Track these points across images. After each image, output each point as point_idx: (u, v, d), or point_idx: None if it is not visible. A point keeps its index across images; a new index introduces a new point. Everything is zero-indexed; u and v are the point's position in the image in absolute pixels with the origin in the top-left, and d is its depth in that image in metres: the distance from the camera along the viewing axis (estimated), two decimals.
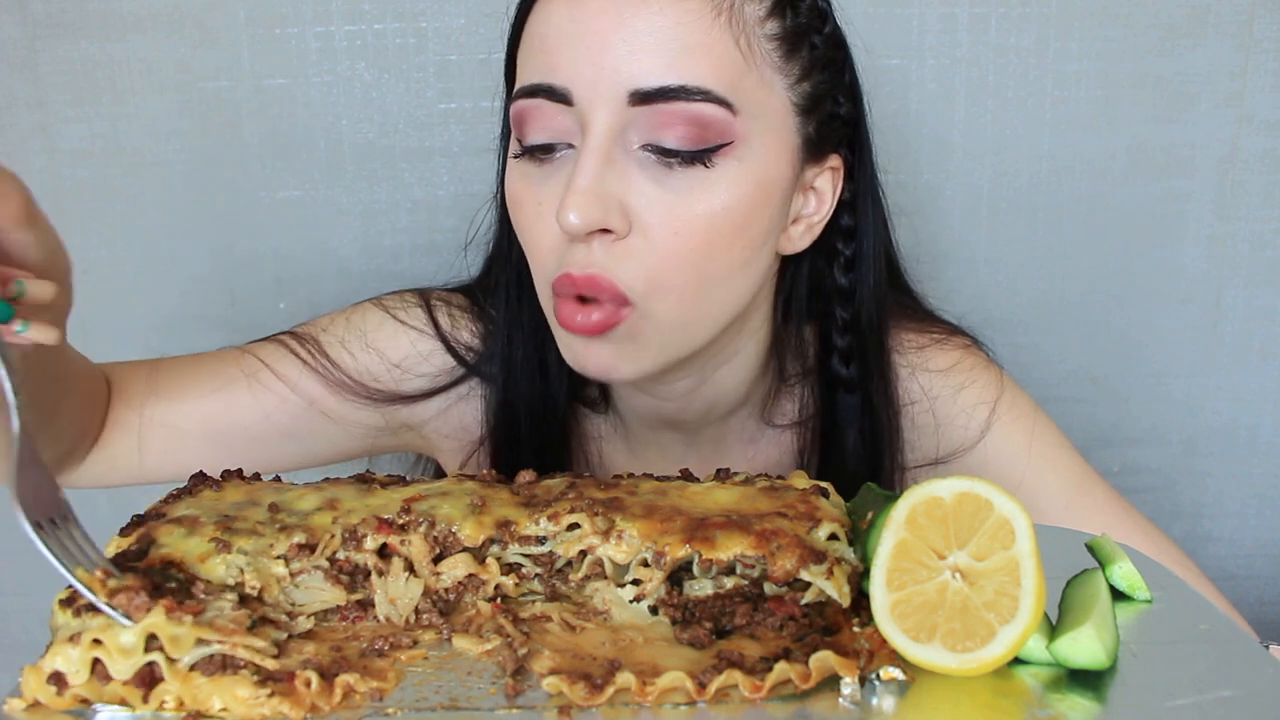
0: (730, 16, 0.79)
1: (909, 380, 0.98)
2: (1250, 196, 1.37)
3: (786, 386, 0.98)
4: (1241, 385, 1.44)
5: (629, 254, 0.79)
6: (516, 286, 0.94)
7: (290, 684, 0.55)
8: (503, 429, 0.98)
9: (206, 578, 0.60)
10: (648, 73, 0.77)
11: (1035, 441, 0.97)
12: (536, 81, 0.80)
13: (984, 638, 0.55)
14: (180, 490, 0.71)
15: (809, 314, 0.96)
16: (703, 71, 0.77)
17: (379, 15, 1.28)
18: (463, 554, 0.65)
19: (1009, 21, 1.30)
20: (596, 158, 0.78)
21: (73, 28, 1.27)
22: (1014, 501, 0.57)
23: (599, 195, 0.77)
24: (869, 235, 0.93)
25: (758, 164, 0.81)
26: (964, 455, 0.97)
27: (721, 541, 0.62)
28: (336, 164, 1.32)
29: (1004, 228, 1.37)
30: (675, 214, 0.79)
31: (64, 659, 0.55)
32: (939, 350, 0.99)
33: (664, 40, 0.77)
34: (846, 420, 0.95)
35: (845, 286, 0.93)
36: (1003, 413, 0.97)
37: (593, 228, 0.77)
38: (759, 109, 0.80)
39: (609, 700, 0.55)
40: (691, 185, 0.79)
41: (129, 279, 1.35)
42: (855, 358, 0.94)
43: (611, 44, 0.77)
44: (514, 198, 0.84)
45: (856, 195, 0.92)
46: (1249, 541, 1.51)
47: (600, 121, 0.78)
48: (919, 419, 0.98)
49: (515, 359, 0.95)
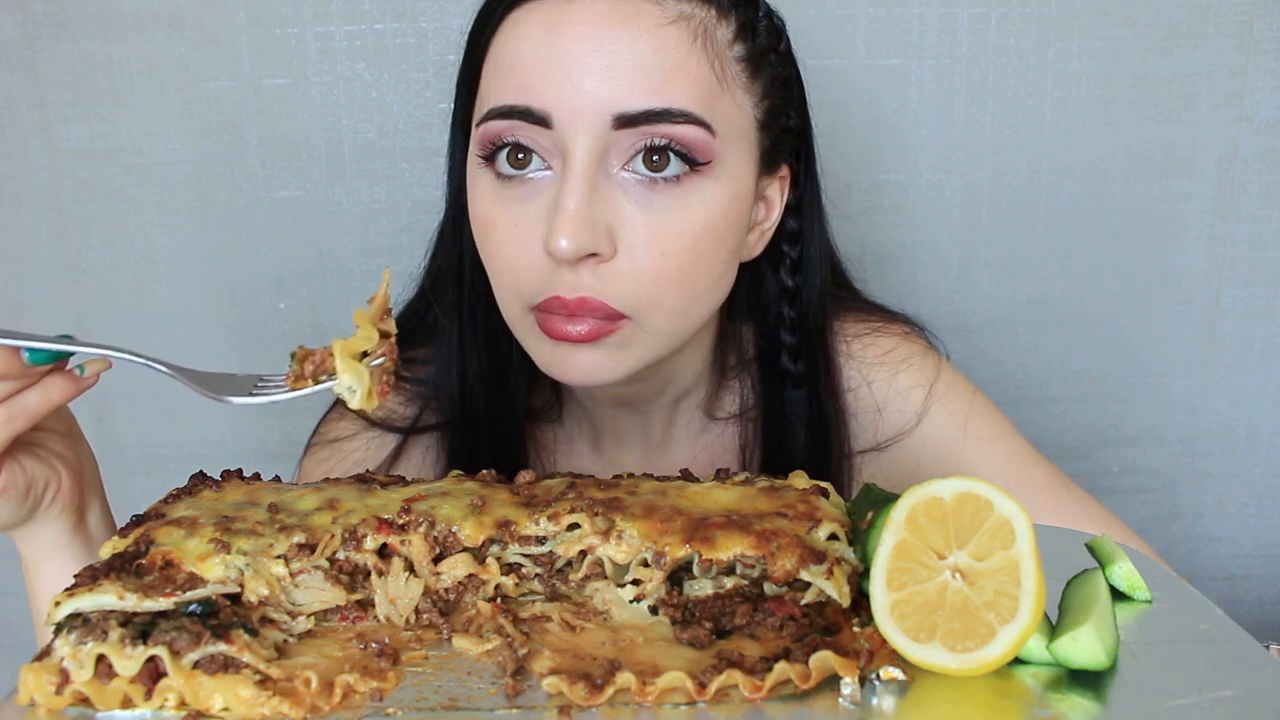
0: (705, 41, 0.80)
1: (847, 367, 1.00)
2: (1250, 196, 1.37)
3: (727, 381, 1.01)
4: (1241, 385, 1.44)
5: (616, 275, 0.80)
6: (470, 305, 0.94)
7: (290, 684, 0.55)
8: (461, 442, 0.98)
9: (206, 577, 0.60)
10: (631, 96, 0.77)
11: (971, 424, 0.99)
12: (512, 103, 0.80)
13: (984, 638, 0.55)
14: (180, 490, 0.71)
15: (747, 312, 0.99)
16: (684, 95, 0.79)
17: (379, 15, 1.28)
18: (463, 554, 0.65)
19: (1009, 21, 1.30)
20: (582, 183, 0.78)
21: (73, 28, 1.27)
22: (1014, 501, 0.57)
23: (587, 221, 0.78)
24: (813, 238, 0.96)
25: (732, 181, 0.83)
26: (904, 439, 0.99)
27: (721, 541, 0.62)
28: (336, 164, 1.33)
29: (1004, 228, 1.37)
30: (660, 235, 0.80)
31: (70, 655, 0.55)
32: (876, 337, 1.02)
33: (646, 65, 0.78)
34: (795, 414, 0.98)
35: (792, 287, 0.96)
36: (939, 395, 0.99)
37: (583, 254, 0.78)
38: (732, 128, 0.82)
39: (609, 700, 0.55)
40: (673, 206, 0.80)
41: (129, 279, 1.35)
42: (803, 354, 0.97)
43: (592, 68, 0.77)
44: (485, 218, 0.84)
45: (802, 200, 0.94)
46: (1249, 541, 1.51)
47: (583, 147, 0.78)
48: (857, 406, 1.00)
49: (470, 377, 0.96)
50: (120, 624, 0.56)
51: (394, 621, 0.63)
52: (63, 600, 0.57)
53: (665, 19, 0.79)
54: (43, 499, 0.75)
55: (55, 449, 0.77)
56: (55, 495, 0.76)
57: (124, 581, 0.58)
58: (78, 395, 0.71)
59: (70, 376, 0.71)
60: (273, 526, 0.64)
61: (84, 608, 0.57)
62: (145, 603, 0.57)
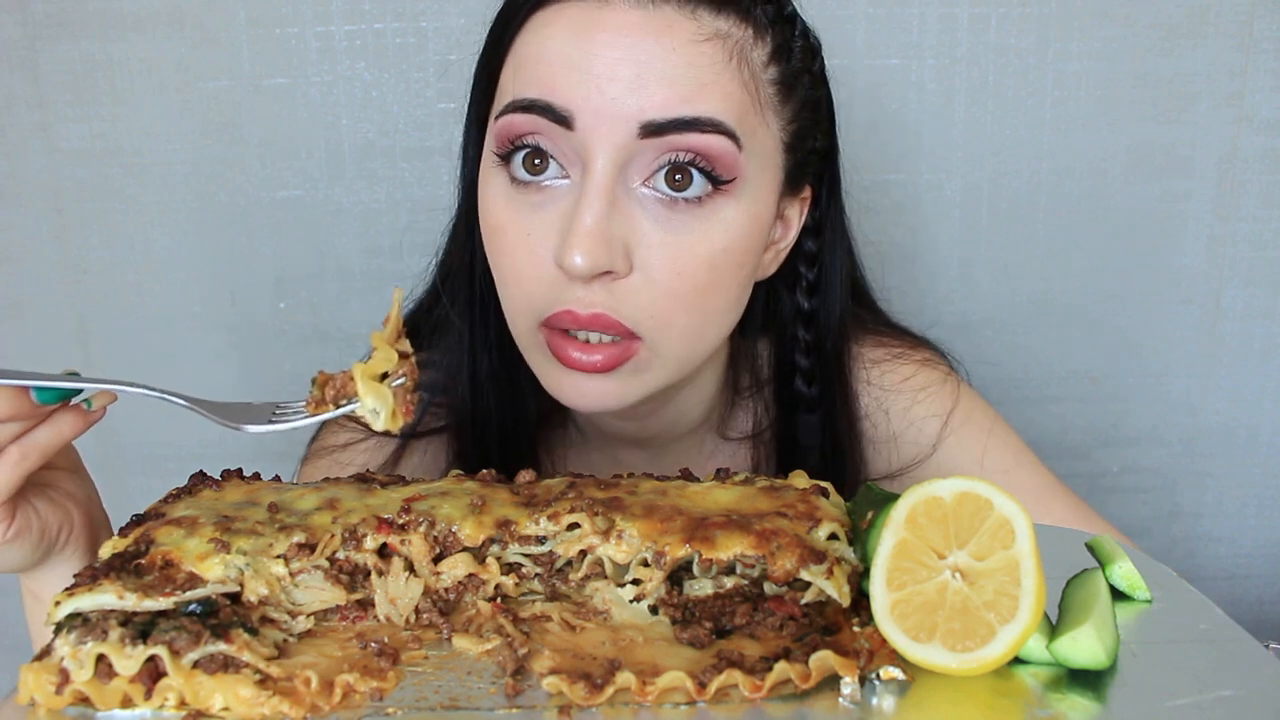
0: (740, 60, 0.78)
1: (864, 395, 0.99)
2: (1250, 196, 1.37)
3: (741, 400, 0.99)
4: (1241, 385, 1.44)
5: (631, 292, 0.78)
6: (481, 304, 0.92)
7: (290, 683, 0.55)
8: (472, 445, 0.97)
9: (206, 577, 0.60)
10: (660, 105, 0.75)
11: (989, 454, 0.97)
12: (534, 97, 0.77)
13: (984, 638, 0.55)
14: (180, 490, 0.71)
15: (762, 329, 0.97)
16: (715, 107, 0.76)
17: (379, 15, 1.28)
18: (463, 554, 0.65)
19: (1009, 21, 1.30)
20: (601, 197, 0.76)
21: (73, 28, 1.27)
22: (1014, 501, 0.57)
23: (605, 237, 0.76)
24: (833, 261, 0.94)
25: (754, 203, 0.81)
26: (917, 468, 0.98)
27: (721, 541, 0.62)
28: (336, 164, 1.32)
29: (1004, 228, 1.37)
30: (678, 255, 0.78)
31: (70, 654, 0.55)
32: (895, 365, 1.00)
33: (677, 76, 0.76)
34: (808, 439, 0.96)
35: (808, 310, 0.94)
36: (956, 425, 0.98)
37: (598, 271, 0.76)
38: (760, 148, 0.81)
39: (609, 700, 0.55)
40: (693, 226, 0.78)
41: (129, 279, 1.35)
42: (817, 378, 0.95)
43: (620, 75, 0.75)
44: (496, 224, 0.81)
45: (822, 222, 0.93)
46: (1249, 541, 1.51)
47: (605, 154, 0.76)
48: (873, 433, 0.99)
49: (481, 376, 0.94)
50: (120, 624, 0.56)
51: (394, 621, 0.63)
52: (63, 600, 0.57)
53: (700, 35, 0.77)
54: (56, 541, 0.73)
55: (66, 488, 0.75)
56: (69, 538, 0.74)
57: (124, 581, 0.58)
58: (86, 430, 0.70)
59: (78, 411, 0.69)
60: (273, 526, 0.64)
61: (84, 607, 0.57)
62: (145, 602, 0.57)
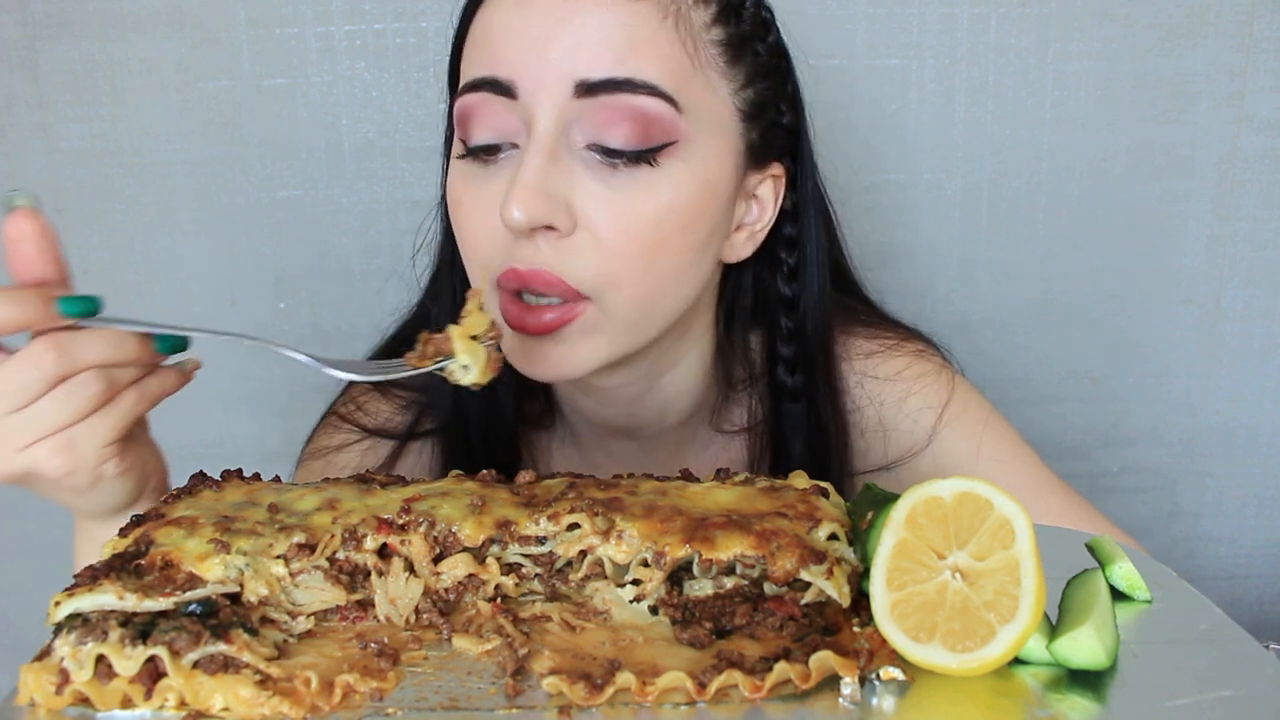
0: (677, 19, 0.80)
1: (856, 388, 0.98)
2: (1250, 196, 1.37)
3: (735, 394, 0.99)
4: (1241, 385, 1.44)
5: (575, 251, 0.79)
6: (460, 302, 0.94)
7: (290, 684, 0.55)
8: (456, 446, 0.97)
9: (206, 577, 0.60)
10: (593, 65, 0.77)
11: (984, 447, 0.96)
12: (481, 75, 0.80)
13: (984, 638, 0.55)
14: (180, 490, 0.71)
15: (755, 322, 0.97)
16: (649, 68, 0.78)
17: (379, 15, 1.28)
18: (463, 554, 0.65)
19: (1009, 21, 1.30)
20: (542, 154, 0.78)
21: (73, 28, 1.27)
22: (1014, 501, 0.57)
23: (544, 192, 0.77)
24: (812, 244, 0.94)
25: (702, 165, 0.82)
26: (912, 460, 0.97)
27: (721, 541, 0.62)
28: (336, 164, 1.33)
29: (1004, 228, 1.37)
30: (622, 213, 0.79)
31: (70, 655, 0.55)
32: (887, 356, 0.99)
33: (610, 36, 0.77)
34: (792, 428, 0.96)
35: (789, 296, 0.94)
36: (951, 418, 0.97)
37: (537, 223, 0.77)
38: (703, 111, 0.81)
39: (609, 700, 0.55)
40: (637, 185, 0.79)
41: (129, 279, 1.35)
42: (800, 366, 0.95)
43: (557, 36, 0.77)
44: (454, 197, 0.84)
45: (799, 204, 0.93)
46: (1249, 541, 1.51)
47: (545, 115, 0.78)
48: (866, 426, 0.98)
49: None
50: (120, 624, 0.56)
51: (394, 621, 0.63)
52: (62, 600, 0.57)
53: None
54: (145, 486, 0.75)
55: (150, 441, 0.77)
56: (153, 487, 0.76)
57: (124, 581, 0.58)
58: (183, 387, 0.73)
59: (178, 370, 0.72)
60: (273, 526, 0.64)
61: (84, 608, 0.57)
62: (145, 603, 0.57)
